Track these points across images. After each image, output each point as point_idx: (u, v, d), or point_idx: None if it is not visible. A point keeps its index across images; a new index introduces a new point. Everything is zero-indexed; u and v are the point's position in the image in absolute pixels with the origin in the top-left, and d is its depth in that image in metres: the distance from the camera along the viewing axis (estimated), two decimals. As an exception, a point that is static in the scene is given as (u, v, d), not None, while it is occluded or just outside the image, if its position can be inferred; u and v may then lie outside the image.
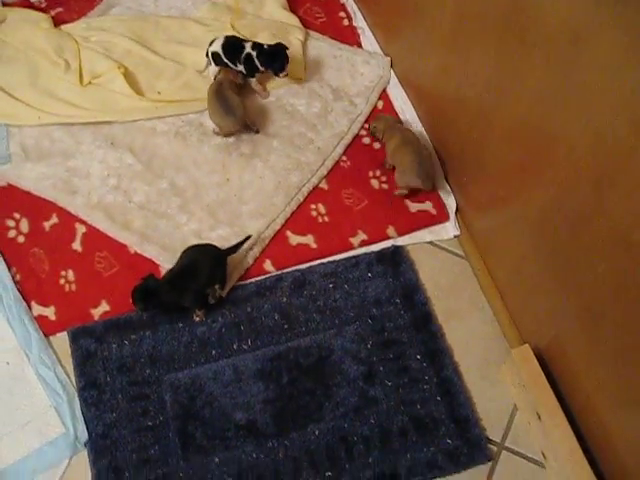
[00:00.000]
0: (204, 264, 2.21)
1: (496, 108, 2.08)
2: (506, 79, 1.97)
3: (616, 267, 1.63)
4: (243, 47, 2.71)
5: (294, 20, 3.08)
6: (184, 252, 2.26)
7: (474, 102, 2.22)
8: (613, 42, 1.45)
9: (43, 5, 3.11)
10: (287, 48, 2.71)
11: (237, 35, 2.85)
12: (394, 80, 2.91)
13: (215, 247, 2.29)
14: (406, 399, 2.16)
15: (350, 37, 3.09)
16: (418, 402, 2.16)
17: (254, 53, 2.69)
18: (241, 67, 2.74)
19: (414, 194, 2.56)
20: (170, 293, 2.16)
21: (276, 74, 2.73)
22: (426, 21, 2.47)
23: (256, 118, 2.74)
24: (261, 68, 2.72)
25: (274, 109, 2.80)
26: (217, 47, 2.74)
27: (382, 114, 2.78)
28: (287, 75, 2.75)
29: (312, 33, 3.08)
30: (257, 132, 2.69)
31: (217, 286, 2.28)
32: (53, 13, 3.08)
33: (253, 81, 2.79)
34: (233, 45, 2.74)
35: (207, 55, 2.78)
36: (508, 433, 2.14)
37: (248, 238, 2.38)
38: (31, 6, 3.09)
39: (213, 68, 2.81)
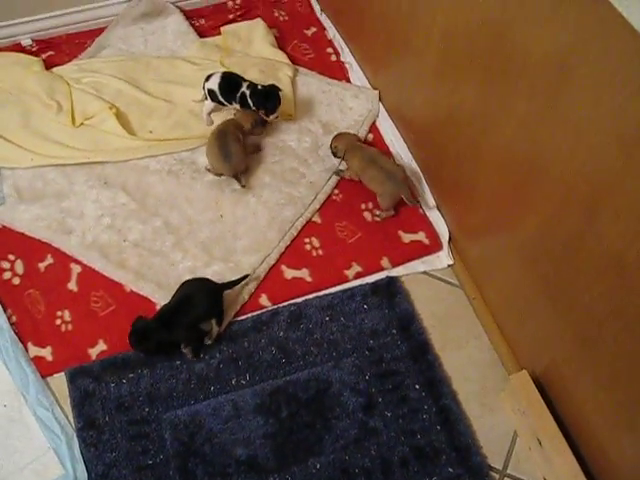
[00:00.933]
0: (198, 298, 2.21)
1: (484, 137, 2.11)
2: (493, 108, 2.00)
3: (610, 289, 1.65)
4: (240, 85, 2.74)
5: (282, 57, 3.13)
6: (180, 287, 2.26)
7: (462, 132, 2.25)
8: (597, 69, 1.48)
9: (34, 49, 3.14)
10: (280, 90, 2.74)
11: (233, 72, 2.86)
12: (383, 113, 2.95)
13: (210, 281, 2.29)
14: (406, 429, 2.16)
15: (338, 72, 3.14)
16: (418, 432, 2.16)
17: (247, 92, 2.71)
18: (237, 105, 2.76)
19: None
20: (160, 330, 2.16)
21: (267, 115, 2.74)
22: (413, 54, 2.51)
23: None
24: (253, 108, 2.74)
25: (265, 145, 2.83)
26: (213, 85, 2.75)
27: (343, 132, 2.77)
28: (277, 117, 2.78)
29: (301, 69, 3.12)
30: (243, 186, 2.66)
31: (214, 320, 2.28)
32: (44, 56, 3.11)
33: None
34: (230, 83, 2.75)
35: (203, 88, 2.79)
36: (509, 460, 2.14)
37: (246, 277, 2.39)
38: (22, 50, 3.12)
39: (209, 103, 2.83)
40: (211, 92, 2.77)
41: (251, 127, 2.70)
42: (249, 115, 2.72)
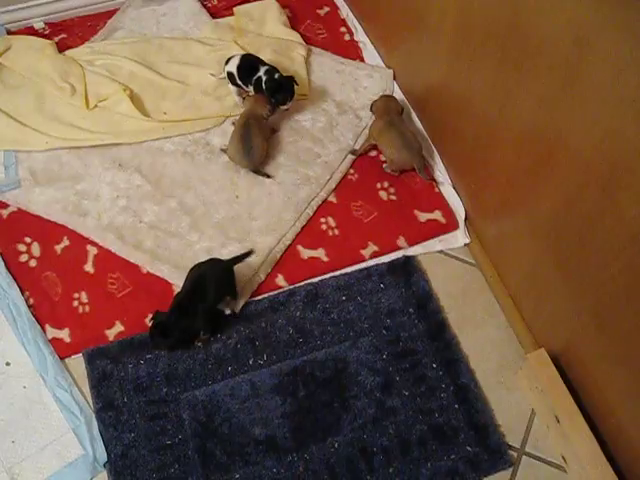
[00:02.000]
0: (210, 280, 2.20)
1: (501, 115, 2.09)
2: (510, 86, 1.99)
3: (629, 267, 1.64)
4: (258, 69, 2.72)
5: (295, 37, 3.11)
6: (189, 272, 2.24)
7: (478, 110, 2.24)
8: (616, 43, 1.47)
9: (47, 32, 3.14)
10: (297, 84, 2.72)
11: (253, 55, 2.85)
12: (397, 92, 2.93)
13: (217, 260, 2.28)
14: (424, 408, 2.16)
15: (352, 52, 3.12)
16: (436, 411, 2.16)
17: (264, 78, 2.70)
18: (251, 88, 2.76)
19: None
20: (180, 323, 2.16)
21: (278, 104, 2.73)
22: (428, 32, 2.49)
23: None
24: (266, 94, 2.74)
25: (279, 125, 2.82)
26: (232, 67, 2.75)
27: (389, 96, 2.80)
28: (288, 109, 2.77)
29: (314, 49, 3.11)
30: (268, 177, 2.65)
31: (228, 298, 2.28)
32: (57, 39, 3.10)
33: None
34: (248, 66, 2.74)
35: (223, 71, 2.79)
36: (527, 438, 2.14)
37: (251, 252, 2.37)
38: (35, 33, 3.12)
39: (232, 87, 2.82)
40: (230, 75, 2.77)
41: (269, 112, 2.68)
42: (262, 99, 2.70)
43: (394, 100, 2.74)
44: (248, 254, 2.35)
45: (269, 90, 2.70)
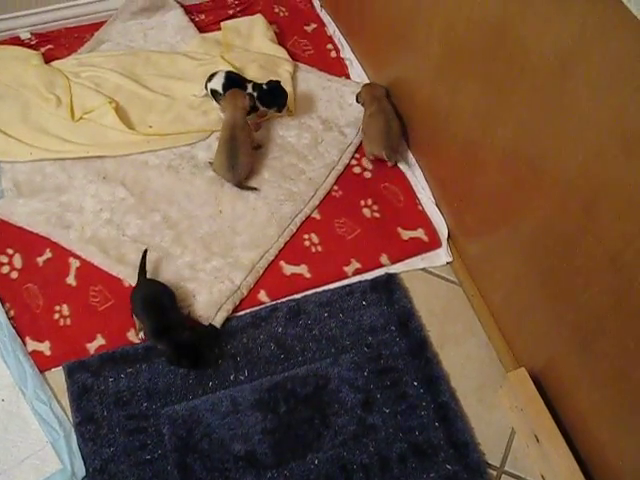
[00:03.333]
0: (158, 293, 2.25)
1: (485, 135, 2.10)
2: (494, 106, 2.00)
3: (609, 288, 1.65)
4: (245, 86, 2.74)
5: (282, 53, 3.12)
6: (138, 299, 2.27)
7: (463, 130, 2.25)
8: (599, 66, 1.48)
9: (33, 42, 3.12)
10: (279, 82, 2.74)
11: (236, 71, 2.86)
12: (382, 110, 2.94)
13: (141, 279, 2.32)
14: (404, 426, 2.16)
15: (338, 69, 3.13)
16: (416, 428, 2.16)
17: (255, 94, 2.72)
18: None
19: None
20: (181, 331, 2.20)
21: (279, 111, 2.77)
22: (413, 51, 2.51)
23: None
24: (262, 108, 2.75)
25: (265, 141, 2.82)
26: (217, 85, 2.75)
27: (372, 84, 2.90)
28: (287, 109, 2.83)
29: (301, 65, 3.12)
30: (254, 189, 2.65)
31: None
32: (43, 50, 3.09)
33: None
34: (234, 84, 2.73)
35: (206, 87, 2.80)
36: (507, 457, 2.14)
37: (146, 251, 2.36)
38: (21, 43, 3.10)
39: (216, 105, 2.82)
40: (214, 92, 2.77)
41: (250, 103, 2.67)
42: (238, 92, 2.69)
43: (377, 86, 2.84)
44: (144, 256, 2.35)
45: (267, 102, 2.73)
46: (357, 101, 2.83)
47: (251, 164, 2.67)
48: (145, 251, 2.36)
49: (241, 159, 2.59)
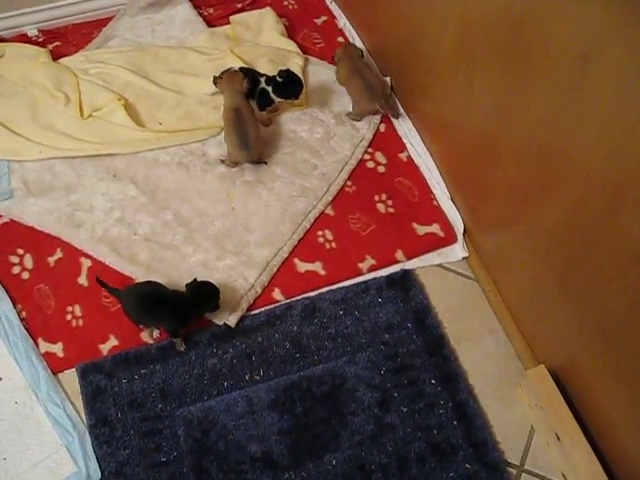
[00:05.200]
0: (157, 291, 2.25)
1: (502, 129, 2.07)
2: (512, 100, 1.96)
3: (631, 284, 1.61)
4: (258, 82, 2.70)
5: (292, 46, 3.09)
6: (132, 300, 2.26)
7: (479, 124, 2.22)
8: (622, 58, 1.44)
9: (41, 39, 3.11)
10: (289, 70, 2.71)
11: (248, 67, 2.84)
12: (397, 102, 2.91)
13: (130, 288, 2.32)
14: (422, 425, 2.13)
15: (349, 62, 3.09)
16: (435, 427, 2.13)
17: (269, 88, 2.69)
18: (253, 102, 2.72)
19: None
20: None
21: (296, 98, 2.75)
22: (427, 43, 2.47)
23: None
24: (277, 100, 2.72)
25: (276, 136, 2.79)
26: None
27: (348, 45, 3.02)
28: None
29: (311, 59, 3.09)
30: (265, 163, 2.66)
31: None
32: (51, 47, 3.07)
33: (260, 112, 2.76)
34: (250, 79, 2.69)
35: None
36: (527, 455, 2.11)
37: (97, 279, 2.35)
38: (29, 41, 3.09)
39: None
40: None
41: (247, 84, 2.65)
42: (234, 75, 2.68)
43: (353, 47, 2.94)
44: (104, 283, 2.34)
45: (281, 93, 2.70)
46: (333, 59, 2.93)
47: (262, 138, 2.66)
48: (97, 278, 2.35)
49: (251, 135, 2.56)
